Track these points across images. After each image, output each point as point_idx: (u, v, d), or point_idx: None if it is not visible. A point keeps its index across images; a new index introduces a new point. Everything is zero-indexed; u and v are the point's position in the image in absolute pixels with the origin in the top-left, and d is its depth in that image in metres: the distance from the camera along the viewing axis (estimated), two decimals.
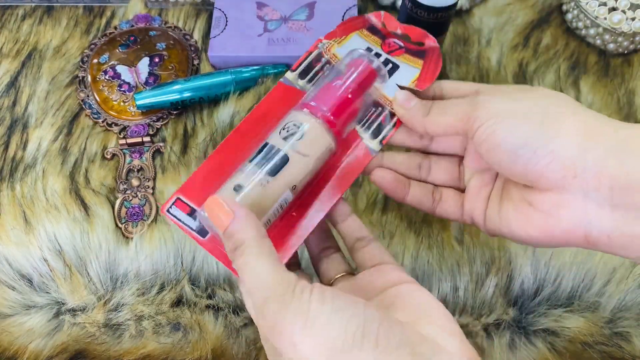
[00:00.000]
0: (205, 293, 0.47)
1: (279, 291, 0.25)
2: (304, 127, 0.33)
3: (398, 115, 0.37)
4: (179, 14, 0.61)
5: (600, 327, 0.45)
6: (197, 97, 0.53)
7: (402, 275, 0.31)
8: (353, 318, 0.24)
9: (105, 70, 0.56)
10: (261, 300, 0.25)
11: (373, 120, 0.37)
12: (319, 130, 0.33)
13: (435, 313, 0.28)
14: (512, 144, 0.30)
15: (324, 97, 0.35)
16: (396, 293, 0.30)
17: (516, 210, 0.33)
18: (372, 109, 0.38)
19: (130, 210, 0.48)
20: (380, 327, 0.24)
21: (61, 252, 0.46)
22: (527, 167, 0.30)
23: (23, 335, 0.47)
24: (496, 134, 0.30)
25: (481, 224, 0.36)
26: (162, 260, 0.47)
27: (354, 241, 0.35)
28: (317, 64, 0.39)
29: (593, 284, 0.45)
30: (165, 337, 0.47)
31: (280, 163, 0.32)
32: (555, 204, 0.30)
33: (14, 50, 0.58)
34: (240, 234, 0.27)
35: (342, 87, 0.35)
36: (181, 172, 0.50)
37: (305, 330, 0.24)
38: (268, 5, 0.58)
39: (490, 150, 0.31)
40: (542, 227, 0.31)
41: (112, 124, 0.53)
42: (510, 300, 0.46)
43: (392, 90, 0.38)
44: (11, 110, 0.54)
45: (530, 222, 0.32)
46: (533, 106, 0.31)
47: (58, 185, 0.49)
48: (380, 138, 0.37)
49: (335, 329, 0.24)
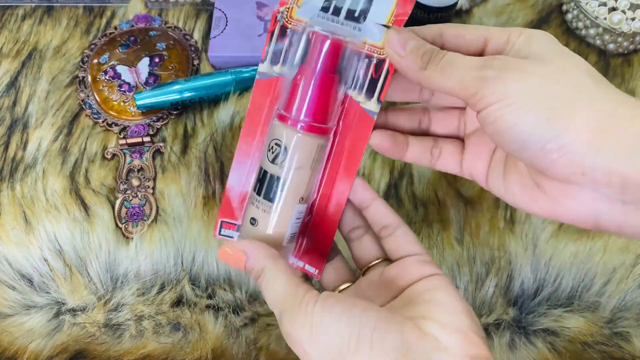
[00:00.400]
0: (206, 293, 0.47)
1: (289, 305, 0.28)
2: (286, 143, 0.32)
3: (391, 61, 0.32)
4: (179, 14, 0.61)
5: (600, 327, 0.45)
6: (197, 97, 0.53)
7: (425, 268, 0.31)
8: (349, 325, 0.26)
9: (106, 70, 0.56)
10: (278, 314, 0.28)
11: (362, 78, 0.33)
12: (301, 141, 0.32)
13: (443, 310, 0.28)
14: (521, 134, 0.28)
15: (294, 101, 0.32)
16: (416, 290, 0.30)
17: (522, 187, 0.31)
18: (357, 64, 0.33)
19: (130, 210, 0.48)
20: (374, 331, 0.26)
21: (61, 252, 0.46)
22: (535, 158, 0.28)
23: (23, 335, 0.47)
24: (504, 119, 0.28)
25: (482, 182, 0.34)
26: (162, 260, 0.47)
27: (380, 229, 0.34)
28: (284, 40, 0.33)
29: (593, 284, 0.45)
30: (165, 337, 0.47)
31: (276, 187, 0.32)
32: (564, 194, 0.29)
33: (14, 50, 0.58)
34: (257, 265, 0.30)
35: (309, 82, 0.31)
36: (181, 172, 0.50)
37: (311, 339, 0.26)
38: (268, 5, 0.58)
39: (496, 134, 0.29)
40: (548, 210, 0.30)
41: (112, 124, 0.53)
42: (510, 300, 0.46)
43: (372, 34, 0.32)
44: (11, 110, 0.54)
45: (536, 203, 0.30)
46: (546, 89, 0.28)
47: (58, 185, 0.49)
48: (377, 95, 0.33)
49: (333, 336, 0.26)
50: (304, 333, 0.27)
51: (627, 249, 0.46)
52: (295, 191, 0.32)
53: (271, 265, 0.30)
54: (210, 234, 0.47)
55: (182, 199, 0.49)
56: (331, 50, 0.31)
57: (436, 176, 0.50)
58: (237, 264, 0.31)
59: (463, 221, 0.47)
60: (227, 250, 0.31)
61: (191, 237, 0.47)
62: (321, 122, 0.32)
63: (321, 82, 0.32)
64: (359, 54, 0.32)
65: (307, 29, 0.32)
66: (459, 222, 0.47)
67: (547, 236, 0.47)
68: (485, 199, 0.48)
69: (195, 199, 0.48)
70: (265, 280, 0.30)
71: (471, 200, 0.48)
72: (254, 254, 0.31)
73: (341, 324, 0.26)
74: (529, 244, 0.46)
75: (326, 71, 0.32)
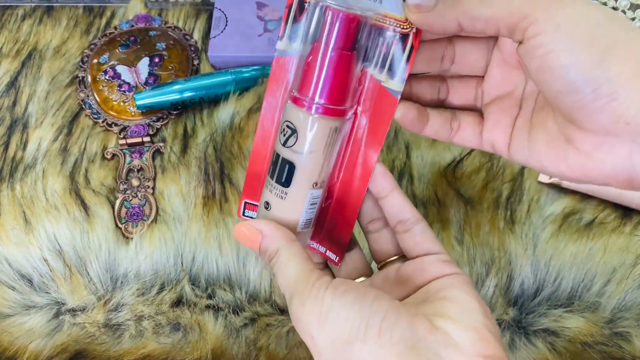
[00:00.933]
0: (205, 293, 0.46)
1: (300, 288, 0.27)
2: (297, 126, 0.30)
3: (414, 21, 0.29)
4: (179, 14, 0.61)
5: (600, 327, 0.45)
6: (197, 97, 0.53)
7: (445, 267, 0.30)
8: (359, 312, 0.25)
9: (105, 70, 0.56)
10: (289, 297, 0.28)
11: (383, 55, 0.30)
12: (312, 123, 0.30)
13: (458, 307, 0.27)
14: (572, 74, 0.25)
15: (308, 82, 0.30)
16: (432, 288, 0.29)
17: (550, 146, 0.29)
18: (377, 39, 0.30)
19: (130, 211, 0.48)
20: (384, 320, 0.25)
21: (61, 252, 0.46)
22: (581, 103, 0.26)
23: (23, 336, 0.47)
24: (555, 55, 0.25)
25: (504, 153, 0.32)
26: (162, 260, 0.47)
27: (396, 223, 0.32)
28: (303, 15, 0.31)
29: (593, 284, 0.45)
30: (165, 337, 0.47)
31: (288, 171, 0.31)
32: (598, 147, 0.27)
33: (14, 50, 0.58)
34: (272, 246, 0.30)
35: (322, 61, 0.29)
36: (181, 172, 0.50)
37: (319, 324, 0.26)
38: (268, 5, 0.58)
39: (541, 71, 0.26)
40: (579, 168, 0.28)
41: (112, 124, 0.53)
42: (510, 300, 0.46)
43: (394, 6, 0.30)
44: (11, 110, 0.54)
45: (566, 161, 0.29)
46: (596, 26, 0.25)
47: (58, 185, 0.49)
48: (400, 74, 0.30)
49: (342, 323, 0.25)
50: (313, 318, 0.26)
51: (627, 249, 0.46)
52: (308, 176, 0.31)
53: (286, 247, 0.29)
54: (210, 234, 0.47)
55: (182, 199, 0.49)
56: (346, 26, 0.29)
57: (436, 176, 0.50)
58: (252, 244, 0.30)
59: (463, 221, 0.47)
60: (244, 229, 0.30)
61: (191, 237, 0.47)
62: (335, 104, 0.30)
63: (334, 61, 0.29)
64: (379, 28, 0.30)
65: (320, 2, 0.30)
66: (459, 222, 0.47)
67: (547, 236, 0.47)
68: (486, 199, 0.48)
69: (195, 199, 0.48)
70: (279, 262, 0.29)
71: (471, 200, 0.48)
72: (270, 235, 0.30)
73: (351, 311, 0.26)
74: (529, 244, 0.46)
75: (340, 49, 0.29)
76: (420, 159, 0.51)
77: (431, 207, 0.48)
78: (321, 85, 0.29)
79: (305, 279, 0.27)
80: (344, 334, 0.25)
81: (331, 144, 0.31)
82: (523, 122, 0.31)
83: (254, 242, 0.30)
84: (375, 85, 0.31)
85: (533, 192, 0.49)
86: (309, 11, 0.31)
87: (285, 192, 0.31)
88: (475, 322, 0.26)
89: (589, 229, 0.47)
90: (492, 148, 0.33)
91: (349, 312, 0.26)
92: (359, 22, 0.29)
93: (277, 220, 0.31)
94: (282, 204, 0.31)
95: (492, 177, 0.50)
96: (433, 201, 0.48)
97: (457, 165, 0.50)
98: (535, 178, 0.50)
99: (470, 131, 0.33)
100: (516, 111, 0.32)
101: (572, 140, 0.28)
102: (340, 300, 0.26)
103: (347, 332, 0.25)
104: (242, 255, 0.46)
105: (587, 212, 0.48)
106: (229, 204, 0.48)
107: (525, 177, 0.50)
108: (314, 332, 0.26)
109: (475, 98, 0.34)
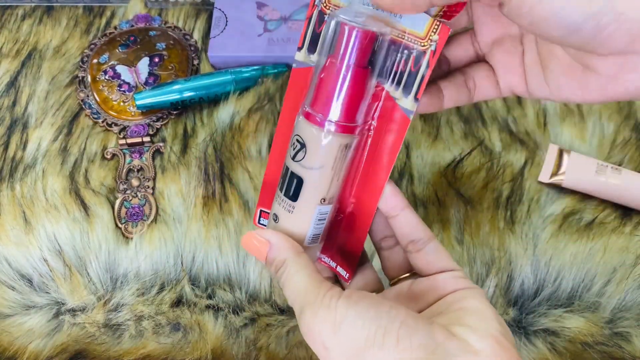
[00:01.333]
0: (205, 293, 0.46)
1: (311, 299, 0.27)
2: (307, 141, 0.30)
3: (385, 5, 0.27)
4: (179, 14, 0.61)
5: (601, 327, 0.45)
6: (197, 97, 0.53)
7: (459, 282, 0.30)
8: (375, 319, 0.25)
9: (105, 70, 0.56)
10: (298, 309, 0.27)
11: (400, 71, 0.29)
12: (323, 139, 0.29)
13: (474, 316, 0.27)
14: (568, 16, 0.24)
15: (319, 97, 0.29)
16: (447, 301, 0.29)
17: (567, 76, 0.29)
18: (395, 55, 0.29)
19: (130, 210, 0.48)
20: (401, 326, 0.25)
21: (61, 252, 0.46)
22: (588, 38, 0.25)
23: (23, 336, 0.47)
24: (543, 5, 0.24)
25: (524, 93, 0.32)
26: (162, 260, 0.46)
27: (407, 243, 0.31)
28: (322, 27, 0.31)
29: (593, 284, 0.45)
30: (165, 337, 0.47)
31: (296, 186, 0.30)
32: (620, 68, 0.26)
33: (14, 50, 0.58)
34: (279, 256, 0.29)
35: (334, 77, 0.29)
36: (181, 172, 0.50)
37: (333, 334, 0.25)
38: (268, 5, 0.58)
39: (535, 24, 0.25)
40: (602, 91, 0.28)
41: (112, 124, 0.53)
42: (511, 300, 0.46)
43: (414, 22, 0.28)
44: (11, 110, 0.54)
45: (587, 86, 0.28)
46: None
47: (58, 185, 0.49)
48: (414, 93, 0.29)
49: (358, 330, 0.25)
50: (326, 327, 0.26)
51: (627, 249, 0.46)
52: (315, 191, 0.30)
53: (294, 258, 0.29)
54: (210, 234, 0.47)
55: (181, 199, 0.49)
56: (360, 43, 0.28)
57: (436, 176, 0.50)
58: (259, 254, 0.30)
59: (463, 221, 0.47)
60: (253, 238, 0.30)
61: (191, 237, 0.47)
62: (345, 121, 0.29)
63: (347, 78, 0.29)
64: (397, 44, 0.29)
65: (335, 17, 0.29)
66: (459, 222, 0.47)
67: (547, 236, 0.47)
68: (486, 199, 0.48)
69: (195, 199, 0.48)
70: (286, 273, 0.29)
71: (471, 200, 0.48)
72: (277, 245, 0.30)
73: (367, 319, 0.25)
74: (529, 244, 0.46)
75: (355, 66, 0.29)
76: (420, 159, 0.51)
77: (431, 207, 0.48)
78: (333, 102, 0.29)
79: (316, 289, 0.27)
80: (359, 342, 0.25)
81: (341, 160, 0.30)
82: (531, 58, 0.31)
83: (261, 252, 0.30)
84: (390, 101, 0.30)
85: (533, 192, 0.49)
86: (328, 23, 0.30)
87: (293, 206, 0.31)
88: (494, 330, 0.26)
89: (589, 229, 0.47)
90: (512, 93, 0.32)
91: (365, 319, 0.25)
92: (374, 38, 0.28)
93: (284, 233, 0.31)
94: (290, 218, 0.31)
95: (492, 177, 0.50)
96: (433, 201, 0.48)
97: (457, 165, 0.50)
98: (535, 178, 0.50)
99: (487, 83, 0.32)
100: (520, 49, 0.31)
101: (590, 67, 0.27)
102: (355, 308, 0.26)
103: (363, 340, 0.25)
104: (242, 255, 0.46)
105: (587, 212, 0.48)
106: (229, 204, 0.48)
107: (525, 177, 0.50)
108: (327, 341, 0.26)
109: (476, 51, 0.33)
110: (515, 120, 0.53)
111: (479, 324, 0.26)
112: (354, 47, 0.28)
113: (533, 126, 0.53)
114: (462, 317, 0.27)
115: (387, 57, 0.30)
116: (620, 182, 0.48)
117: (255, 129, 0.52)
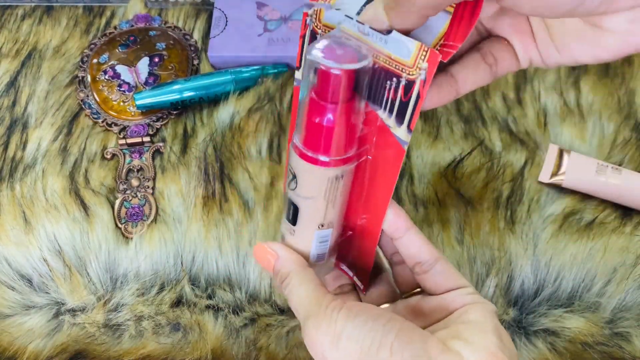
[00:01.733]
0: (205, 293, 0.46)
1: (314, 311, 0.28)
2: (297, 172, 0.30)
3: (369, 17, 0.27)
4: (179, 13, 0.61)
5: (601, 327, 0.45)
6: (197, 97, 0.52)
7: (466, 298, 0.29)
8: (370, 332, 0.26)
9: (105, 70, 0.56)
10: (303, 320, 0.29)
11: (391, 99, 0.28)
12: (312, 173, 0.29)
13: (473, 329, 0.27)
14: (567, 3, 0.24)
15: (304, 132, 0.28)
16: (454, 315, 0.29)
17: (579, 39, 0.28)
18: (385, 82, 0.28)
19: (130, 211, 0.48)
20: (395, 339, 0.26)
21: (61, 252, 0.46)
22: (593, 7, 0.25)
23: (23, 336, 0.47)
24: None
25: (540, 62, 0.31)
26: (162, 260, 0.46)
27: (414, 264, 0.31)
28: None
29: (593, 284, 0.45)
30: (165, 337, 0.47)
31: (294, 212, 0.31)
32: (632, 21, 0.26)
33: (14, 50, 0.58)
34: (284, 268, 0.31)
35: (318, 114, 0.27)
36: (181, 172, 0.50)
37: (332, 345, 0.27)
38: (268, 5, 0.58)
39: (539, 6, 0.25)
40: (617, 47, 0.27)
41: (112, 124, 0.53)
42: (511, 300, 0.46)
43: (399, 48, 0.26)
44: (11, 110, 0.54)
45: (600, 45, 0.28)
46: None
47: (58, 185, 0.49)
48: (407, 123, 0.28)
49: (354, 344, 0.26)
50: (326, 339, 0.27)
51: (627, 249, 0.46)
52: (311, 219, 0.31)
53: (298, 271, 0.30)
54: (210, 234, 0.47)
55: (181, 199, 0.49)
56: (339, 84, 0.26)
57: (436, 176, 0.50)
58: (267, 265, 0.32)
59: (463, 221, 0.47)
60: (264, 247, 0.32)
61: (191, 237, 0.47)
62: (333, 155, 0.28)
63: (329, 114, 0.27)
64: (385, 70, 0.27)
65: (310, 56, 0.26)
66: (459, 222, 0.47)
67: (547, 236, 0.47)
68: (486, 199, 0.48)
69: (195, 199, 0.48)
70: (290, 284, 0.30)
71: (471, 200, 0.48)
72: (284, 257, 0.31)
73: (362, 331, 0.26)
74: (529, 244, 0.46)
75: (335, 102, 0.27)
76: (420, 159, 0.51)
77: (431, 207, 0.48)
78: (317, 138, 0.28)
79: (319, 301, 0.28)
80: (355, 355, 0.26)
81: (333, 189, 0.30)
82: (538, 24, 0.30)
83: (269, 263, 0.32)
84: (385, 128, 0.29)
85: (533, 192, 0.49)
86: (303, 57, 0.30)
87: (293, 230, 0.32)
88: (490, 344, 0.26)
89: (589, 229, 0.47)
90: (531, 62, 0.31)
91: (361, 332, 0.26)
92: (352, 77, 0.27)
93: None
94: (292, 239, 0.33)
95: (492, 177, 0.50)
96: (433, 201, 0.48)
97: (457, 165, 0.50)
98: (536, 178, 0.50)
99: (507, 56, 0.31)
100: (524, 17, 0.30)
101: (602, 26, 0.27)
102: (354, 321, 0.27)
103: (358, 352, 0.26)
104: (242, 256, 0.46)
105: (587, 212, 0.48)
106: (228, 203, 0.48)
107: (525, 177, 0.50)
108: (327, 353, 0.27)
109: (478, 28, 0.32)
110: (515, 120, 0.53)
111: (476, 338, 0.26)
112: (333, 88, 0.27)
113: (533, 126, 0.53)
114: (461, 330, 0.27)
115: (377, 83, 0.28)
116: (621, 182, 0.48)
117: (255, 129, 0.52)
